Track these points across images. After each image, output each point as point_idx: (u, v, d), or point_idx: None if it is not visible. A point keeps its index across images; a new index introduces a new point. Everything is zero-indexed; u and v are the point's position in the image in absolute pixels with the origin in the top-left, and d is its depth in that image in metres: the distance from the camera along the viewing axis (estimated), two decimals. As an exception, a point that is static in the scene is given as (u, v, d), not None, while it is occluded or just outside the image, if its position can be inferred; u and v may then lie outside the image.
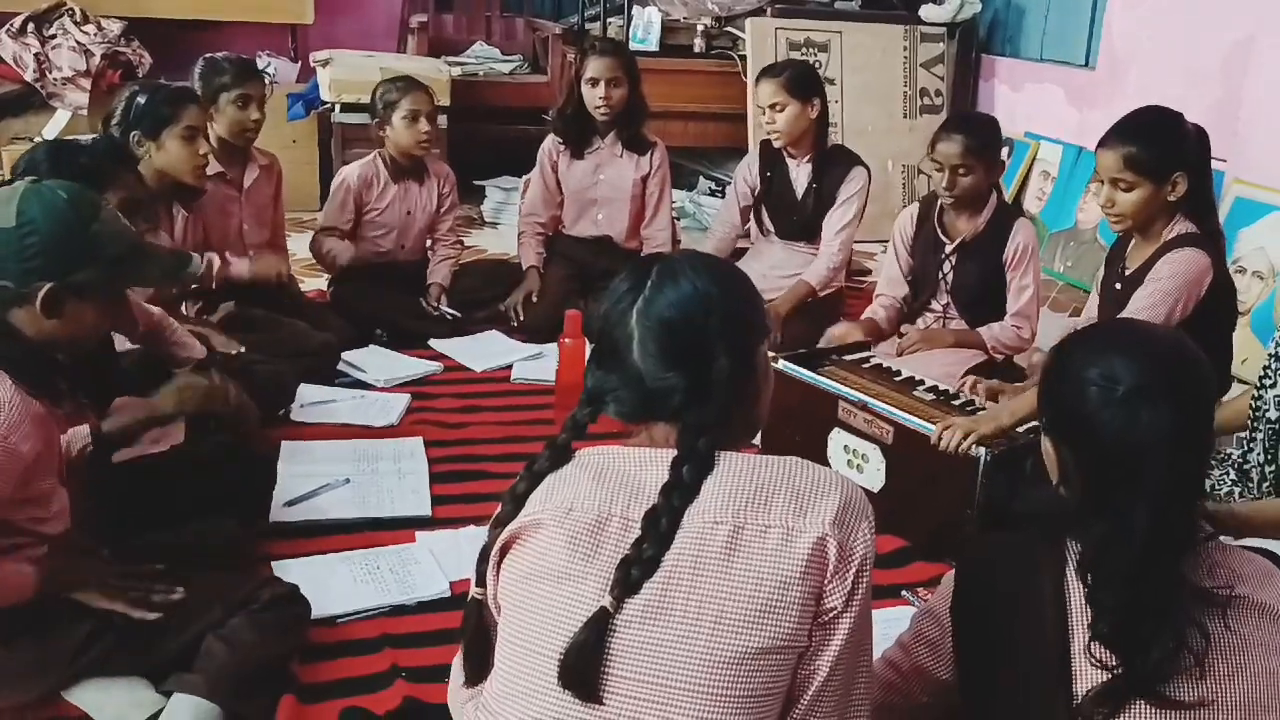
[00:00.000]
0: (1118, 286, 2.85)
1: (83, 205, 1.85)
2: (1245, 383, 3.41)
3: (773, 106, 3.79)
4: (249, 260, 3.56)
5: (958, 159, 3.18)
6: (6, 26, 5.24)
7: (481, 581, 1.39)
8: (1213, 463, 2.52)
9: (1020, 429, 2.58)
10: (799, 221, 3.98)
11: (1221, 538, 1.45)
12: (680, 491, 1.28)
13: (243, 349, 3.09)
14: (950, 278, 3.39)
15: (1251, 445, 2.48)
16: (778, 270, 3.96)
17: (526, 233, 4.28)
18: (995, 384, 2.90)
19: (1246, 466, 2.50)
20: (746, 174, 4.08)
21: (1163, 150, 2.66)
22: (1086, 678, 1.34)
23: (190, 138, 3.06)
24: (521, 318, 4.06)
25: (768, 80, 3.81)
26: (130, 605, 1.92)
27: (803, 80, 3.81)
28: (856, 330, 3.40)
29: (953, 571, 1.53)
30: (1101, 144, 2.71)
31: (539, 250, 4.25)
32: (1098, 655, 1.32)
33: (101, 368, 2.01)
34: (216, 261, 3.46)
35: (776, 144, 3.88)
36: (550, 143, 4.22)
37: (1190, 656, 1.30)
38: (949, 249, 3.37)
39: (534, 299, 4.09)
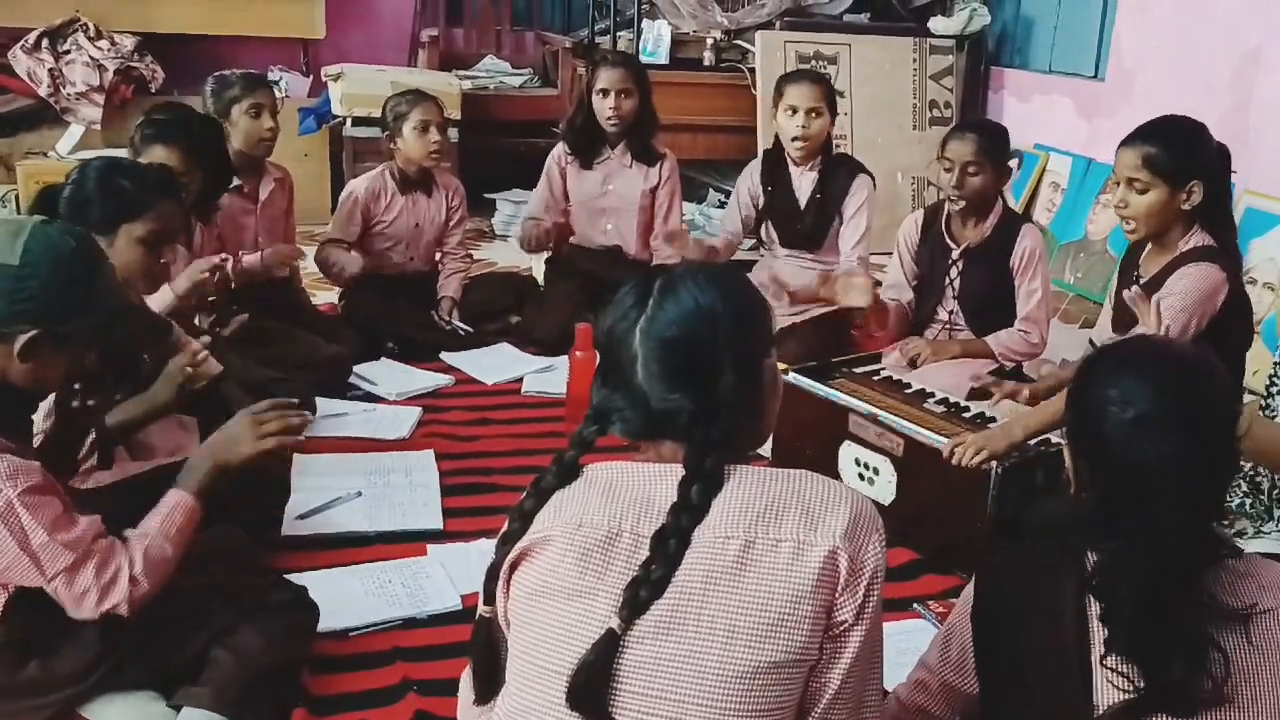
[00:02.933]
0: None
1: (88, 258, 1.79)
2: (1255, 394, 3.40)
3: (810, 111, 3.80)
4: (259, 254, 3.59)
5: (970, 156, 3.20)
6: (21, 42, 5.29)
7: (490, 600, 1.38)
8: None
9: (1032, 442, 2.57)
10: (803, 230, 3.97)
11: (1244, 552, 1.45)
12: (688, 512, 1.27)
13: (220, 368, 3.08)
14: (957, 284, 3.40)
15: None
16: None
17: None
18: (1012, 385, 2.88)
19: (1258, 478, 2.49)
20: (749, 183, 4.08)
21: (1181, 155, 2.66)
22: (1107, 689, 1.34)
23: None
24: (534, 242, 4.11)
25: (810, 84, 3.81)
26: (280, 447, 2.00)
27: (833, 93, 3.89)
28: (867, 286, 3.37)
29: (970, 585, 1.54)
30: (1123, 143, 2.72)
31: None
32: (1116, 668, 1.33)
33: (130, 379, 2.02)
34: (230, 261, 3.48)
35: (798, 150, 3.87)
36: (560, 151, 4.24)
37: (1211, 671, 1.30)
38: (955, 255, 3.38)
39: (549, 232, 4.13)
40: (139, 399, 2.32)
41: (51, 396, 1.99)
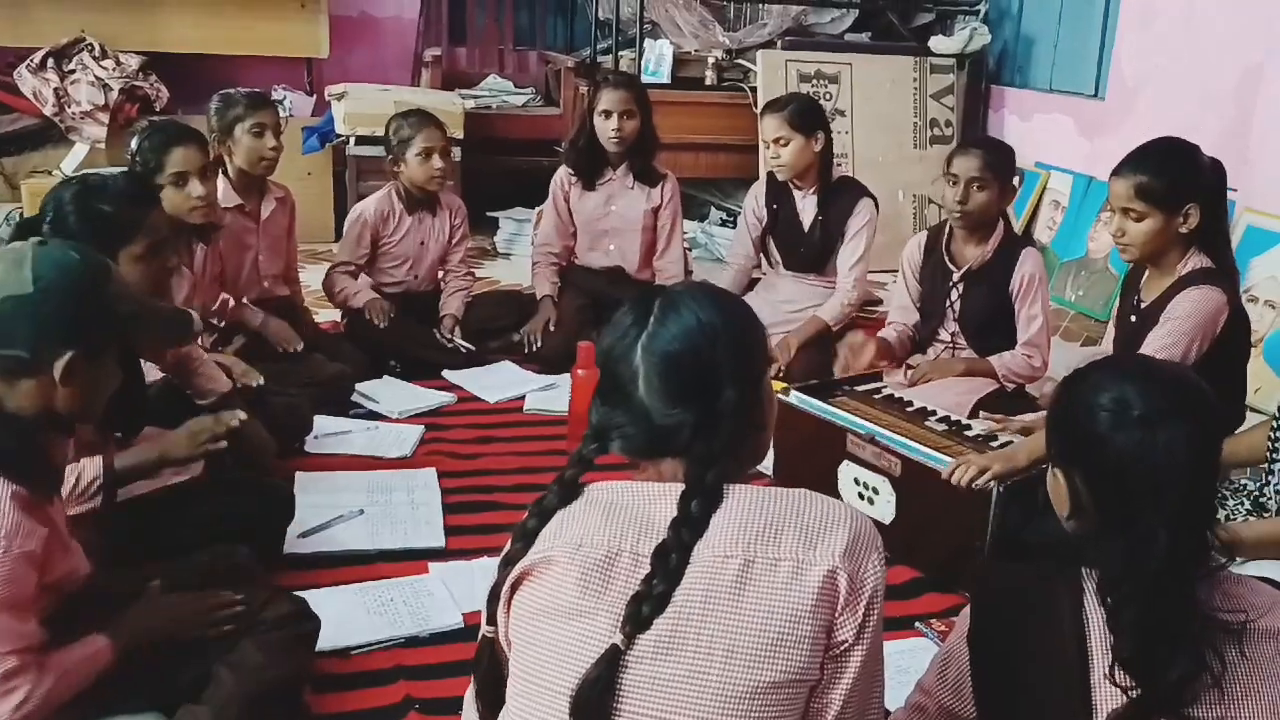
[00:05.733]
0: (1132, 319, 2.85)
1: (96, 268, 1.78)
2: (1259, 412, 3.40)
3: (776, 141, 3.81)
4: (263, 315, 3.59)
5: (975, 172, 3.21)
6: (27, 61, 5.31)
7: (492, 620, 1.38)
8: (1226, 493, 2.52)
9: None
10: (807, 253, 3.99)
11: (1231, 568, 1.46)
12: (689, 526, 1.28)
13: (263, 379, 3.12)
14: (958, 305, 3.40)
15: (1270, 476, 2.47)
16: (788, 304, 3.98)
17: (540, 263, 4.31)
18: (1028, 420, 2.87)
19: (1263, 499, 2.49)
20: (755, 205, 4.10)
21: (1174, 180, 2.64)
22: (1106, 705, 1.34)
23: (179, 183, 2.98)
24: (538, 344, 4.08)
25: (771, 115, 3.83)
26: (204, 629, 1.94)
27: (806, 114, 3.82)
28: (870, 345, 3.41)
29: (968, 607, 1.54)
30: (1114, 173, 2.71)
31: (553, 280, 4.28)
32: (1119, 679, 1.33)
33: (131, 398, 2.00)
34: (231, 301, 3.49)
35: (780, 177, 3.91)
36: (563, 173, 4.26)
37: (1209, 678, 1.32)
38: (956, 277, 3.38)
39: (551, 328, 4.11)
40: (153, 444, 2.32)
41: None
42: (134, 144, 3.04)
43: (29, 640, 1.69)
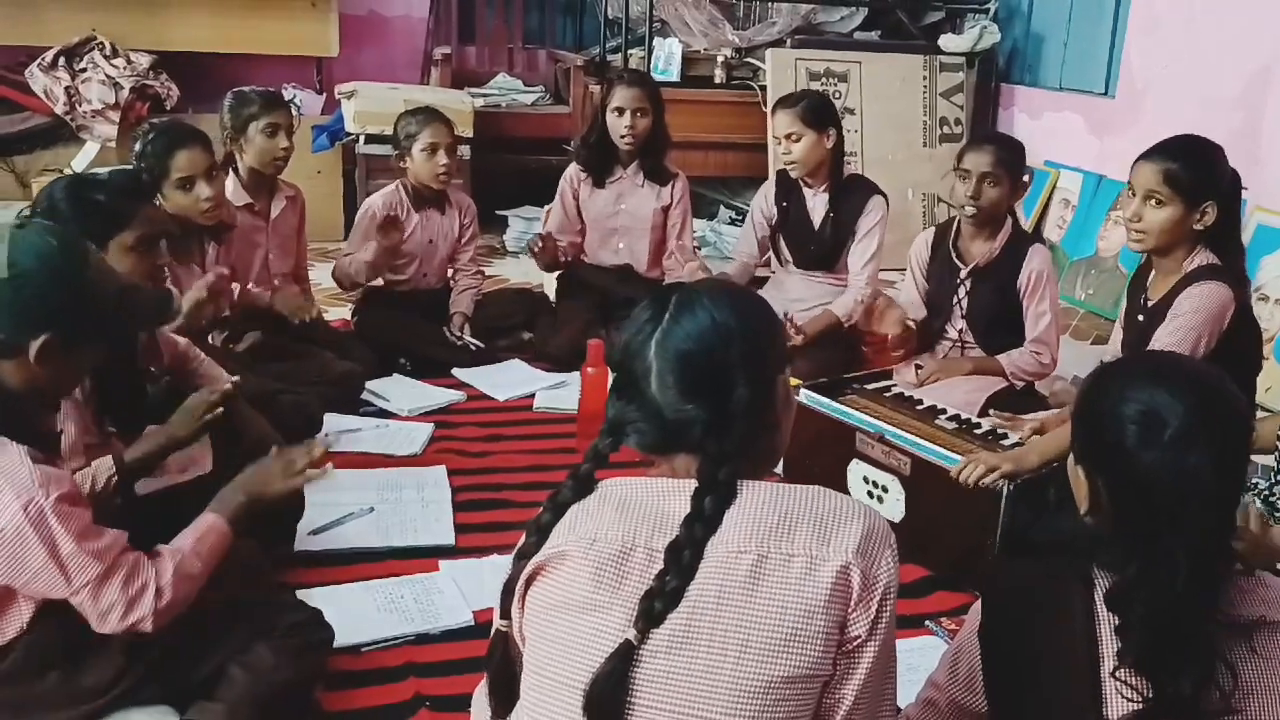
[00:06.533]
0: (1139, 318, 2.84)
1: (74, 252, 1.78)
2: (1268, 410, 3.40)
3: (788, 136, 3.81)
4: (269, 292, 3.60)
5: (987, 167, 3.21)
6: (38, 60, 5.34)
7: (506, 614, 1.39)
8: (1237, 493, 2.51)
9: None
10: (817, 251, 3.98)
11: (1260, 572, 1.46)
12: (702, 523, 1.28)
13: (231, 384, 3.11)
14: (965, 303, 3.40)
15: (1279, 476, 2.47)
16: (798, 303, 3.97)
17: None
18: (1037, 422, 2.86)
19: (1273, 498, 2.48)
20: (763, 204, 4.09)
21: (1201, 174, 2.65)
22: (1117, 702, 1.34)
23: (186, 186, 3.00)
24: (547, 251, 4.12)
25: (783, 110, 3.83)
26: (294, 482, 2.06)
27: (818, 110, 3.82)
28: (893, 310, 3.41)
29: (979, 602, 1.54)
30: (1143, 157, 2.70)
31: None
32: (1127, 681, 1.33)
33: (133, 399, 2.02)
34: (238, 289, 3.50)
35: (793, 174, 3.90)
36: (573, 171, 4.27)
37: (1219, 684, 1.31)
38: (964, 274, 3.38)
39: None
40: (158, 431, 2.34)
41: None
42: (137, 148, 3.03)
43: (119, 542, 1.76)
